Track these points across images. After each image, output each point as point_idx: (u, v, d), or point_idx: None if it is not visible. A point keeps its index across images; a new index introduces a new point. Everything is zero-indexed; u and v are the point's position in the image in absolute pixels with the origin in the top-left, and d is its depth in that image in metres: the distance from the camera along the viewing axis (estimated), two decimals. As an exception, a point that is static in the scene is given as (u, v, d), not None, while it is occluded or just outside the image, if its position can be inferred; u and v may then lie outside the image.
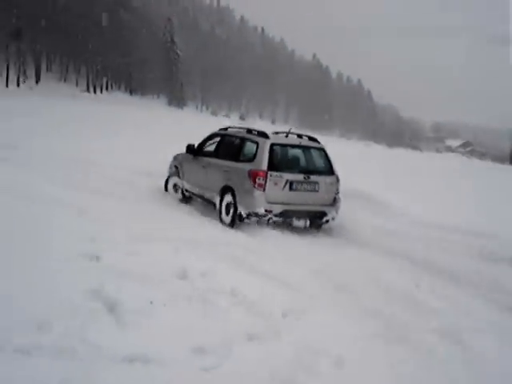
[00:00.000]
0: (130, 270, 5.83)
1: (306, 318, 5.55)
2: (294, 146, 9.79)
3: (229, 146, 10.28)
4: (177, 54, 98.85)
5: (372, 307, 6.18)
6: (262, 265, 7.19)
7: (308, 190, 9.39)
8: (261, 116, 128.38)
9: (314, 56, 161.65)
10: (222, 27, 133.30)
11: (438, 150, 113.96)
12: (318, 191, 9.49)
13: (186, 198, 11.47)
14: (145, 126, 32.93)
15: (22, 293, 4.72)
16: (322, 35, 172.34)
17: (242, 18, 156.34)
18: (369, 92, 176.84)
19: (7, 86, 61.69)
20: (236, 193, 9.35)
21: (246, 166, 9.29)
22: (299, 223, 9.38)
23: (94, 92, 78.59)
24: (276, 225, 9.41)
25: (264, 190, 8.97)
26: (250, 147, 9.63)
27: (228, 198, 9.56)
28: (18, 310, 4.40)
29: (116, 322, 4.61)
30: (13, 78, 63.44)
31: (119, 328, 4.53)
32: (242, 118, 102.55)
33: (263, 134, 9.64)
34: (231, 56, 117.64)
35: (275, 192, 9.10)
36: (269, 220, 9.24)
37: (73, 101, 52.97)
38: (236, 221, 9.40)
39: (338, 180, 9.75)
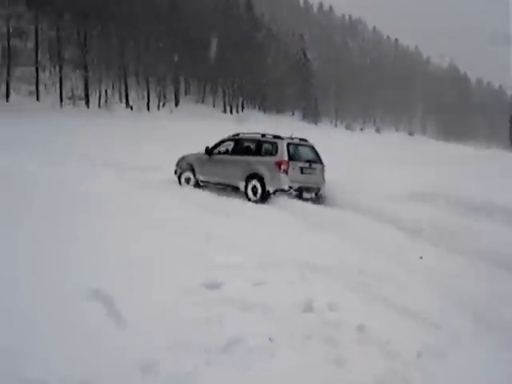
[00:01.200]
0: (251, 300, 5.42)
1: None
2: (298, 144, 13.53)
3: (247, 146, 13.73)
4: (310, 69, 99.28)
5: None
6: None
7: (311, 174, 13.24)
8: (397, 129, 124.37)
9: (451, 62, 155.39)
10: (355, 39, 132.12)
11: None
12: (316, 174, 13.38)
13: (199, 186, 14.33)
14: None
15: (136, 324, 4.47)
16: (457, 39, 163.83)
17: (374, 28, 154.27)
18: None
19: (148, 109, 65.07)
20: (264, 177, 12.79)
21: (271, 159, 12.92)
22: (307, 195, 13.10)
23: (231, 112, 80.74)
24: (292, 196, 12.89)
25: (287, 173, 12.69)
26: (268, 146, 13.22)
27: (254, 182, 12.95)
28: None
29: (231, 363, 4.17)
30: (154, 101, 66.80)
31: (239, 370, 4.10)
32: (377, 131, 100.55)
33: (278, 137, 13.31)
34: (365, 68, 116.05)
35: (293, 175, 12.81)
36: (290, 194, 12.74)
37: (212, 121, 54.64)
38: (263, 197, 12.84)
39: (324, 167, 13.64)
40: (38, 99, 56.13)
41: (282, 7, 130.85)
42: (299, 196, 12.87)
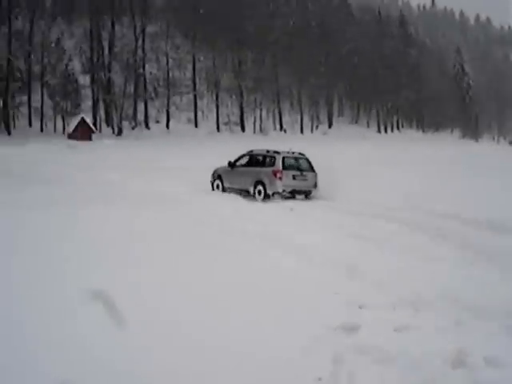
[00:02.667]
0: (389, 351, 4.29)
1: None
2: (293, 157, 16.47)
3: (256, 160, 17.08)
4: (468, 84, 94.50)
5: None
6: None
7: (302, 180, 16.04)
8: None
9: None
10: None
11: None
12: (307, 180, 16.11)
13: (224, 191, 17.30)
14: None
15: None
16: None
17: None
18: None
19: (302, 131, 65.15)
20: (265, 183, 15.75)
21: (270, 169, 15.86)
22: (299, 196, 16.00)
23: (385, 131, 78.64)
24: (286, 198, 15.55)
25: (281, 179, 15.52)
26: (270, 159, 16.32)
27: (259, 187, 15.91)
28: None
29: None
30: (307, 124, 66.80)
31: None
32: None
33: (277, 152, 16.34)
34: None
35: (286, 181, 15.61)
36: (283, 195, 15.65)
37: (363, 141, 53.24)
38: (265, 198, 15.64)
39: (316, 174, 16.25)
40: (196, 126, 58.31)
41: (437, 21, 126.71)
42: (292, 197, 15.92)
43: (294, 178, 15.91)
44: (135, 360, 4.00)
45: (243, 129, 60.92)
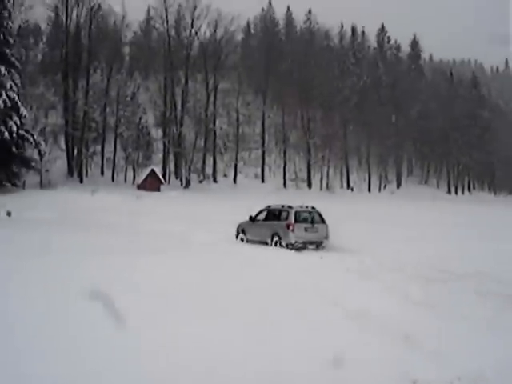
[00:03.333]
0: None
1: None
2: (305, 211, 17.58)
3: (273, 214, 18.29)
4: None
5: None
6: None
7: (313, 232, 17.05)
8: None
9: None
10: None
11: None
12: (318, 232, 17.13)
13: (247, 242, 18.57)
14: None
15: None
16: None
17: None
18: None
19: (369, 190, 64.24)
20: (281, 235, 17.03)
21: (284, 222, 17.12)
22: (311, 247, 16.93)
23: (456, 193, 76.56)
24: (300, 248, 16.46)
25: (293, 231, 16.66)
26: (284, 213, 17.49)
27: (275, 239, 17.21)
28: None
29: None
30: (375, 183, 65.87)
31: None
32: None
33: (290, 207, 17.50)
34: None
35: (299, 233, 16.68)
36: (296, 246, 16.55)
37: (432, 202, 51.83)
38: (279, 247, 16.88)
39: (327, 226, 17.23)
40: (263, 181, 58.48)
41: (510, 83, 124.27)
42: (304, 247, 16.82)
43: (305, 230, 17.11)
44: None
45: (309, 185, 60.65)
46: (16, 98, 36.50)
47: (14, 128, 35.38)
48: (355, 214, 29.73)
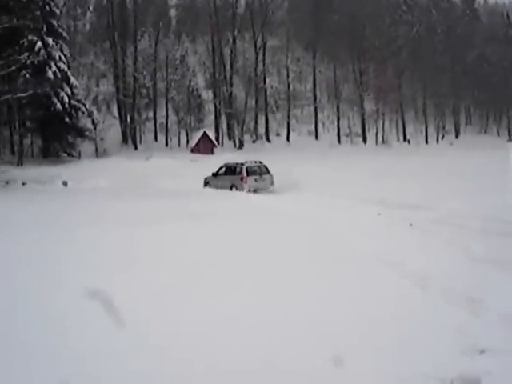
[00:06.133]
0: None
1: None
2: (254, 166, 22.54)
3: (230, 170, 23.16)
4: None
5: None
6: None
7: (261, 181, 22.23)
8: None
9: None
10: None
11: None
12: (265, 181, 22.36)
13: (210, 189, 23.49)
14: None
15: None
16: None
17: None
18: None
19: (427, 142, 62.56)
20: (237, 186, 22.00)
21: (239, 176, 22.06)
22: (261, 192, 21.66)
23: (518, 140, 73.70)
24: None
25: (246, 182, 21.72)
26: (238, 168, 22.38)
27: (233, 189, 22.10)
28: None
29: None
30: (432, 134, 64.00)
31: None
32: None
33: (242, 164, 22.38)
34: None
35: (250, 183, 21.83)
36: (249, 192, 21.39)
37: (495, 151, 49.96)
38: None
39: (272, 175, 22.64)
40: (316, 138, 57.70)
41: None
42: (255, 192, 21.37)
43: (255, 180, 22.13)
44: None
45: (365, 140, 59.39)
46: (66, 69, 36.78)
47: (66, 99, 35.77)
48: (416, 170, 28.45)
